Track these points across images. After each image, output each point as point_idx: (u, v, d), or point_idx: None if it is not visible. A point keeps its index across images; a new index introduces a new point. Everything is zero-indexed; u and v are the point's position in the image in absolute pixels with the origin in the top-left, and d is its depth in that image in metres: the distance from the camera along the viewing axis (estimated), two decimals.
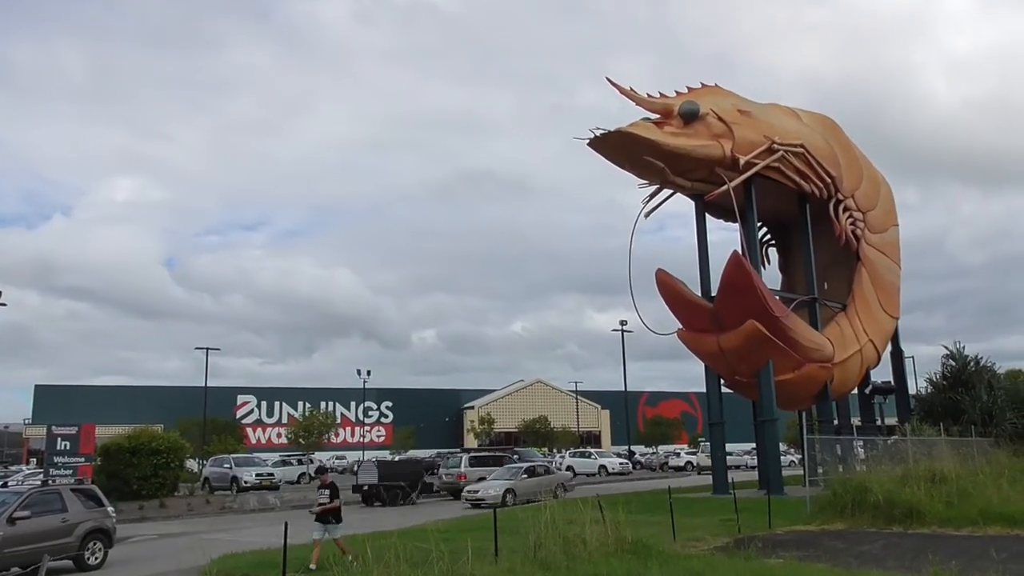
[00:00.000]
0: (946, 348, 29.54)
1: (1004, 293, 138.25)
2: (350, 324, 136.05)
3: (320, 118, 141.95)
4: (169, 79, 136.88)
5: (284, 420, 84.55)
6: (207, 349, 56.66)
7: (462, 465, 31.50)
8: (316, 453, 60.71)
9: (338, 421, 77.59)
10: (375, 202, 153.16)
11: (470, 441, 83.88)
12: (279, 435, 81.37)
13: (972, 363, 28.62)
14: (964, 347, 29.24)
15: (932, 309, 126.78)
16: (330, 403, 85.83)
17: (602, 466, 46.41)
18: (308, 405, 79.30)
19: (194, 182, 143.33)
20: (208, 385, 57.57)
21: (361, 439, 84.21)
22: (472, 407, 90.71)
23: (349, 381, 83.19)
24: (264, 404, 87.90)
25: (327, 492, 12.71)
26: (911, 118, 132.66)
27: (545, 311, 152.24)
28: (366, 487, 27.78)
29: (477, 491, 25.05)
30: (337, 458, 70.20)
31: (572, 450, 59.89)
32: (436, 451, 69.83)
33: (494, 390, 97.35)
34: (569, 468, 46.32)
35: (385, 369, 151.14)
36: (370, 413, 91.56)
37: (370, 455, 69.56)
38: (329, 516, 12.42)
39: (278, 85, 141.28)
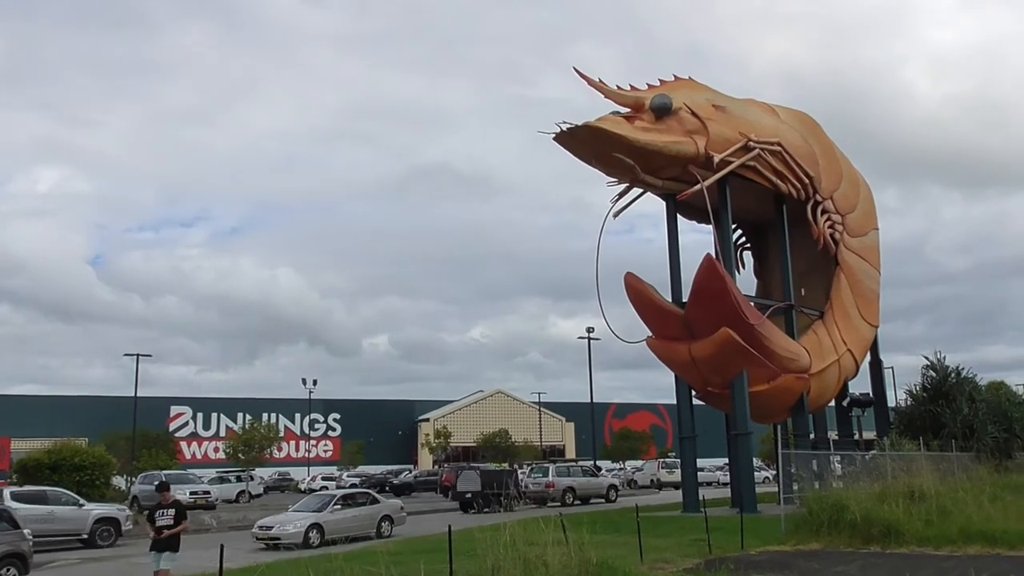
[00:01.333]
0: (926, 358, 30.18)
1: (987, 301, 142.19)
2: (295, 329, 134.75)
3: (264, 106, 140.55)
4: (96, 61, 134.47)
5: (222, 433, 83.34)
6: (137, 355, 55.93)
7: (550, 474, 34.75)
8: (257, 469, 59.95)
9: (281, 434, 76.76)
10: (323, 198, 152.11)
11: (424, 456, 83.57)
12: (216, 450, 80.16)
13: (953, 374, 29.27)
14: (945, 357, 29.90)
15: (912, 317, 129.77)
16: (273, 415, 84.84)
17: None
18: (249, 417, 78.22)
19: (125, 173, 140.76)
20: (138, 395, 56.50)
21: (306, 454, 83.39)
22: (427, 419, 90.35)
23: (294, 391, 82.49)
24: (200, 416, 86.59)
25: (171, 513, 11.71)
26: (891, 115, 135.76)
27: (506, 316, 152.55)
28: (468, 494, 31.62)
29: (271, 527, 20.58)
30: (279, 474, 69.37)
31: (534, 464, 59.96)
32: (387, 468, 69.50)
33: (451, 401, 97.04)
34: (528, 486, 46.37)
35: (333, 378, 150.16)
36: (316, 426, 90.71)
37: (315, 471, 68.86)
38: (171, 542, 11.62)
39: (218, 69, 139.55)
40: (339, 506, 21.65)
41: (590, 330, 58.37)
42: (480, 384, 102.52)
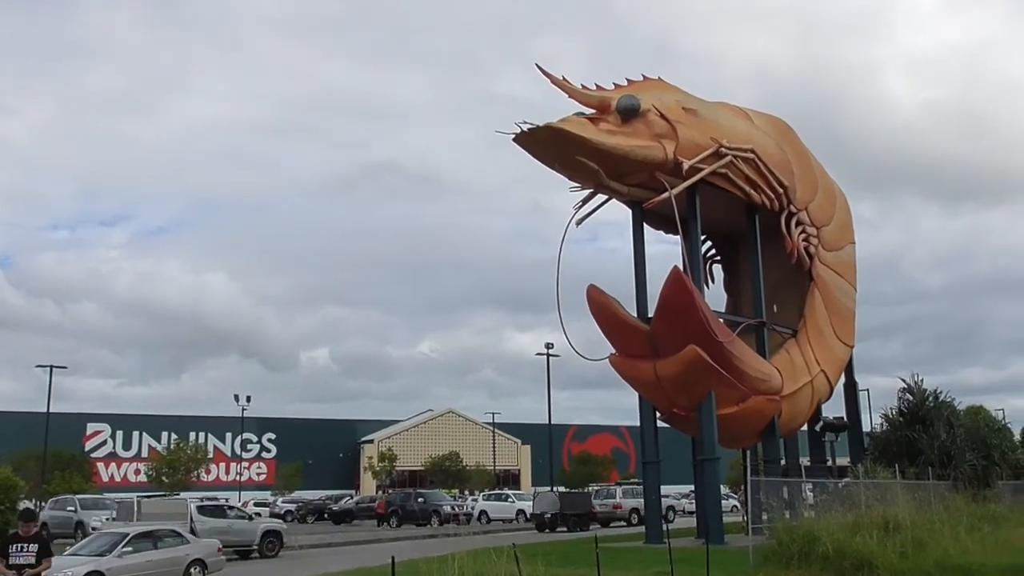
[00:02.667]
0: (903, 380, 30.75)
1: (966, 320, 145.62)
2: (227, 340, 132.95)
3: (197, 96, 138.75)
4: (7, 42, 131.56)
5: (144, 454, 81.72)
6: (51, 367, 54.94)
7: (617, 495, 39.63)
8: (183, 493, 58.85)
9: (210, 456, 75.59)
10: (259, 196, 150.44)
11: (367, 481, 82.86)
12: (137, 472, 78.51)
13: (931, 398, 29.86)
14: (922, 380, 30.48)
15: (888, 336, 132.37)
16: (201, 434, 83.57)
17: (520, 511, 46.46)
18: (174, 436, 76.93)
19: (38, 166, 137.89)
20: (51, 410, 55.27)
21: (238, 477, 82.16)
22: (371, 441, 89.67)
23: (225, 408, 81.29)
24: (120, 434, 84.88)
25: (33, 549, 10.54)
26: (869, 121, 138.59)
27: (458, 329, 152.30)
28: (548, 516, 36.16)
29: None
30: (208, 499, 68.17)
31: (487, 492, 59.78)
32: (326, 493, 68.77)
33: (397, 421, 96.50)
34: (483, 512, 46.25)
35: (268, 394, 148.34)
36: (249, 446, 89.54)
37: (247, 496, 67.84)
38: None
39: (147, 54, 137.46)
40: (131, 548, 18.41)
41: (549, 346, 58.56)
42: (429, 403, 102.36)
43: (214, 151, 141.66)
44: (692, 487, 34.95)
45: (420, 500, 45.70)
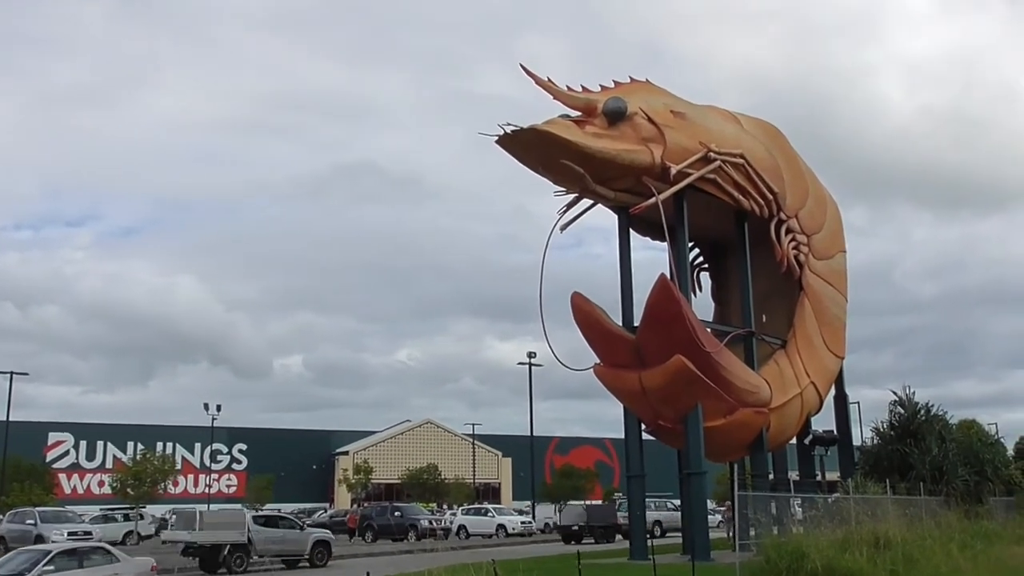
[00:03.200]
0: (894, 393, 30.97)
1: (959, 332, 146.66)
2: (196, 346, 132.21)
3: (168, 92, 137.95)
4: None
5: (108, 464, 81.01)
6: (11, 373, 54.68)
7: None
8: (149, 506, 58.39)
9: (178, 467, 75.02)
10: (232, 197, 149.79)
11: (342, 494, 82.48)
12: (101, 483, 77.84)
13: (922, 411, 30.08)
14: (914, 392, 30.72)
15: (879, 348, 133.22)
16: (168, 444, 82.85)
17: (501, 525, 46.40)
18: (140, 446, 76.19)
19: (1, 162, 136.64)
20: (11, 419, 54.73)
21: (207, 489, 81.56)
22: (346, 452, 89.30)
23: (194, 417, 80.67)
24: (84, 444, 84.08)
25: None
26: (861, 127, 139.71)
27: (437, 337, 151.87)
28: (575, 527, 38.17)
29: None
30: (173, 512, 67.67)
31: (466, 506, 59.64)
32: (299, 506, 68.46)
33: (374, 432, 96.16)
34: (462, 527, 46.14)
35: (239, 403, 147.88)
36: (219, 458, 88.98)
37: (217, 508, 67.36)
38: None
39: (115, 47, 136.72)
40: (52, 567, 17.31)
41: (531, 355, 58.56)
42: (407, 413, 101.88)
43: (185, 150, 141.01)
44: (678, 501, 35.09)
45: (396, 514, 45.55)
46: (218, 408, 75.94)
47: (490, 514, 49.11)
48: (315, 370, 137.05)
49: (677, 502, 43.93)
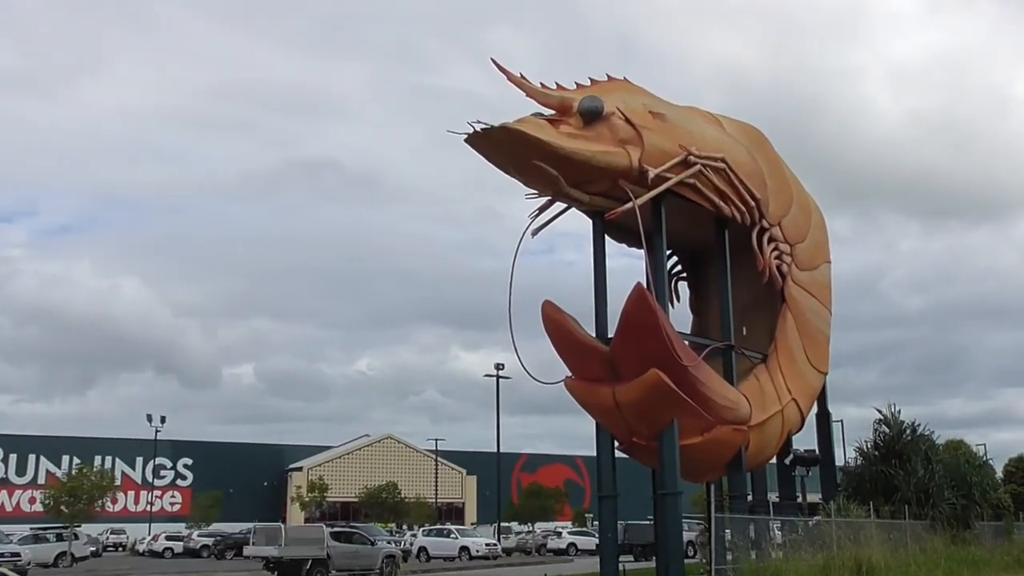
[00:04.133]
0: (879, 412, 31.35)
1: (947, 347, 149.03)
2: (140, 353, 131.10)
3: (110, 80, 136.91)
4: None
5: (41, 480, 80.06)
6: None
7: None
8: (84, 525, 57.64)
9: (118, 483, 74.15)
10: (179, 195, 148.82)
11: (295, 513, 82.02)
12: (32, 500, 76.80)
13: (908, 431, 30.47)
14: (899, 411, 31.12)
15: (864, 363, 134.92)
16: (108, 458, 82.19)
17: (464, 547, 46.32)
18: (77, 460, 75.28)
19: None
20: None
21: (148, 507, 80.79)
22: (300, 468, 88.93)
23: (136, 429, 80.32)
24: (14, 457, 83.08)
25: None
26: (847, 131, 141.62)
27: (398, 346, 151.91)
28: (640, 546, 40.38)
29: None
30: (113, 531, 66.90)
31: (427, 527, 59.48)
32: (248, 526, 67.82)
33: (330, 446, 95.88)
34: (422, 549, 46.04)
35: (185, 415, 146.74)
36: (163, 473, 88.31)
37: (159, 529, 66.74)
38: None
39: (52, 32, 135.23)
40: None
41: (499, 367, 58.63)
42: (365, 427, 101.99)
43: (129, 143, 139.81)
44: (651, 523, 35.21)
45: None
46: (162, 420, 75.56)
47: (453, 536, 49.04)
48: (268, 380, 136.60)
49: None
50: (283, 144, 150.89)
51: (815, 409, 30.93)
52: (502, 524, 66.76)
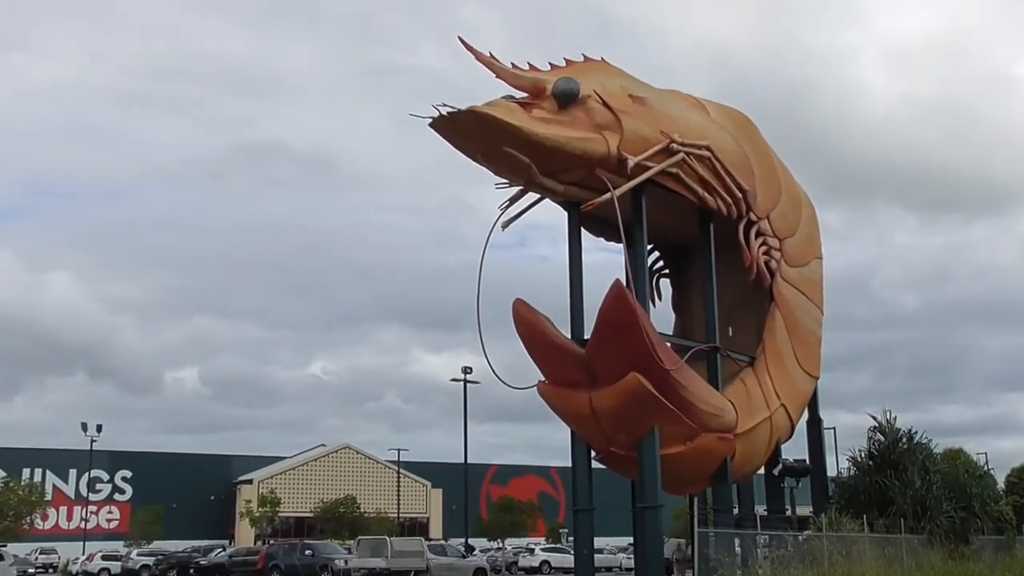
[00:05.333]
0: (873, 418, 31.63)
1: (945, 350, 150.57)
2: (73, 355, 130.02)
3: (37, 55, 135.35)
4: None
5: None
6: None
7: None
8: (11, 544, 57.04)
9: (48, 497, 73.60)
10: (114, 181, 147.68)
11: (244, 529, 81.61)
12: None
13: (904, 439, 30.79)
14: (895, 417, 31.42)
15: (857, 367, 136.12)
16: (37, 471, 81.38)
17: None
18: (2, 473, 74.58)
19: None
20: None
21: (83, 524, 79.95)
22: (249, 481, 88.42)
23: (69, 439, 79.55)
24: None
25: None
26: (840, 118, 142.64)
27: (356, 348, 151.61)
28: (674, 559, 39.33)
29: None
30: (43, 551, 66.29)
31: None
32: (193, 543, 67.43)
33: (282, 457, 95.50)
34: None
35: (124, 423, 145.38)
36: (99, 487, 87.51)
37: (94, 547, 66.10)
38: None
39: None
40: None
41: (466, 370, 58.67)
42: (320, 436, 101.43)
43: (60, 124, 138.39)
44: (631, 539, 35.34)
45: (307, 553, 45.24)
46: (98, 428, 74.71)
47: None
48: (214, 385, 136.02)
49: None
50: (230, 126, 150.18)
51: (805, 416, 31.17)
52: (470, 541, 66.77)
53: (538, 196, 25.08)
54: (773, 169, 29.23)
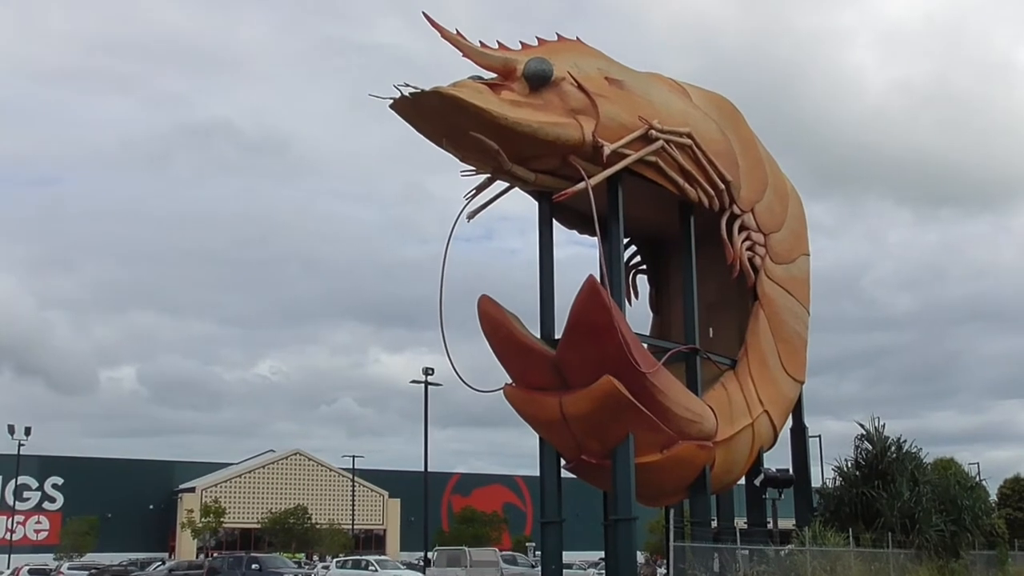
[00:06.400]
0: (861, 426, 31.87)
1: (937, 353, 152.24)
2: None
3: None
4: None
5: None
6: None
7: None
8: None
9: None
10: (47, 164, 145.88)
11: (185, 541, 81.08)
12: None
13: (893, 448, 31.05)
14: (884, 425, 31.66)
15: (845, 371, 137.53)
16: None
17: None
18: None
19: None
20: None
21: (9, 535, 79.10)
22: (192, 489, 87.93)
23: None
24: None
25: None
26: (830, 104, 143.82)
27: (309, 347, 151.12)
28: None
29: None
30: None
31: (341, 558, 59.19)
32: (130, 556, 66.99)
33: (228, 464, 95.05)
34: None
35: (55, 426, 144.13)
36: (26, 495, 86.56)
37: (20, 560, 65.45)
38: None
39: None
40: None
41: (428, 371, 58.43)
42: (269, 441, 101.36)
43: None
44: (602, 554, 35.39)
45: (254, 567, 45.02)
46: (27, 431, 73.87)
47: (372, 568, 48.87)
48: (153, 385, 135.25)
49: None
50: (172, 105, 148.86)
51: (789, 423, 31.36)
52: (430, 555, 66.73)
53: (507, 185, 25.04)
54: (759, 159, 29.35)
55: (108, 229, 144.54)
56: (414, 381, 59.65)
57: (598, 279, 23.33)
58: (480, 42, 23.29)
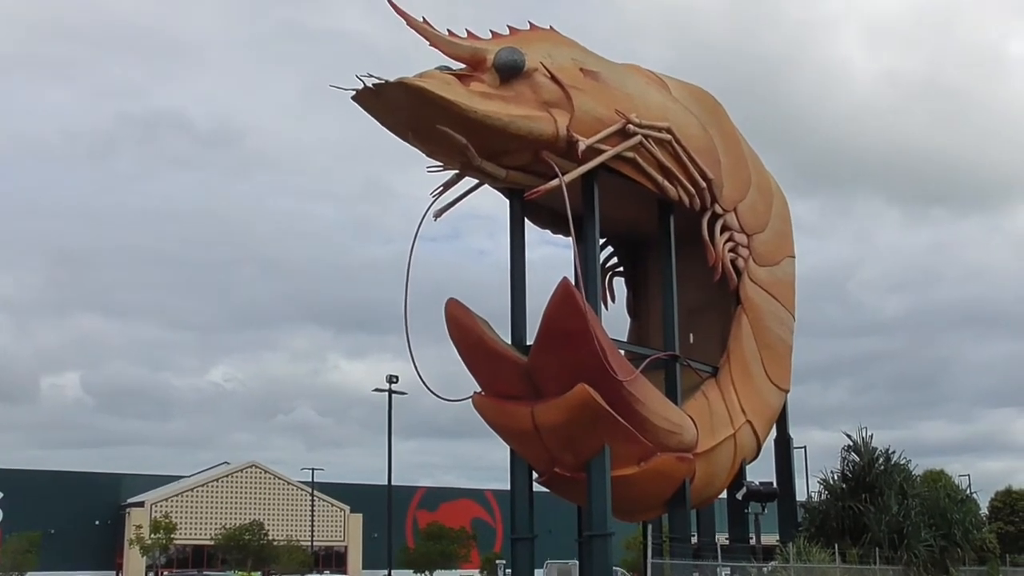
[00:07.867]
0: (848, 436, 31.97)
1: (926, 360, 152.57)
2: None
3: None
4: None
5: None
6: None
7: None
8: None
9: None
10: None
11: (134, 559, 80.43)
12: None
13: (881, 459, 31.18)
14: (871, 436, 31.77)
15: (831, 379, 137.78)
16: None
17: None
18: None
19: None
20: None
21: None
22: (141, 504, 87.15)
23: None
24: None
25: None
26: (816, 98, 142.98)
27: (264, 353, 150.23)
28: None
29: None
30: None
31: None
32: (76, 574, 66.50)
33: (179, 476, 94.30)
34: None
35: None
36: None
37: None
38: None
39: None
40: None
41: (392, 379, 58.21)
42: (223, 453, 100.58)
43: None
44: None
45: None
46: None
47: None
48: (99, 394, 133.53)
49: None
50: (117, 94, 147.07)
51: (773, 433, 31.47)
52: (394, 573, 66.51)
53: (476, 182, 24.98)
54: (742, 157, 29.41)
55: (49, 227, 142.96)
56: (377, 389, 59.41)
57: (572, 282, 23.28)
58: (448, 30, 23.19)
